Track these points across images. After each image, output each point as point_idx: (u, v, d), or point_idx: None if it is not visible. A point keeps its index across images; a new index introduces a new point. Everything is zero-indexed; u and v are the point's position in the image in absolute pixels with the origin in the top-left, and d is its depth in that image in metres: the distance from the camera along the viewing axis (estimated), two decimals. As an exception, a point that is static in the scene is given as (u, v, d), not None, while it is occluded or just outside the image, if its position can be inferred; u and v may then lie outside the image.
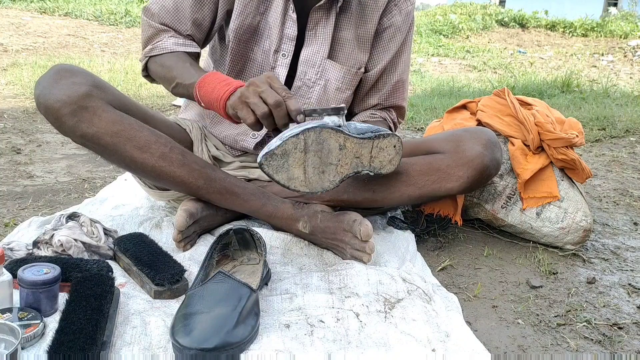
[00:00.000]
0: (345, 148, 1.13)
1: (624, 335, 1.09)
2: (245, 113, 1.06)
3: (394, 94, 1.46)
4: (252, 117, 1.06)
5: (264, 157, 1.06)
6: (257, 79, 1.07)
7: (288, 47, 1.35)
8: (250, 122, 1.06)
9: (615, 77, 6.05)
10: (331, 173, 1.13)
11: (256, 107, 1.04)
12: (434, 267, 1.34)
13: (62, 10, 7.41)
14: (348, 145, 1.13)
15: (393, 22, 1.40)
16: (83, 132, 1.16)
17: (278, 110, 1.04)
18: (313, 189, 1.12)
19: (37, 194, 1.75)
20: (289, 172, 1.09)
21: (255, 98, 1.05)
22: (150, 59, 1.33)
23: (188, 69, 1.25)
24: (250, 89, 1.06)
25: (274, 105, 1.03)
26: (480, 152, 1.24)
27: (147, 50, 1.33)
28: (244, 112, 1.06)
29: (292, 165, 1.08)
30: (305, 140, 1.07)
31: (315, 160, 1.10)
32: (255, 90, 1.05)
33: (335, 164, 1.13)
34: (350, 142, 1.13)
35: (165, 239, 1.30)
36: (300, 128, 1.07)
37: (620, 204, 1.93)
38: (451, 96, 4.32)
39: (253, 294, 0.96)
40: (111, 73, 4.38)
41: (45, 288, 0.93)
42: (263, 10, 1.33)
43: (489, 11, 10.31)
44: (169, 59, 1.30)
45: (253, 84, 1.07)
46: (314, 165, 1.11)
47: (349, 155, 1.13)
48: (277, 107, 1.04)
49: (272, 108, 1.04)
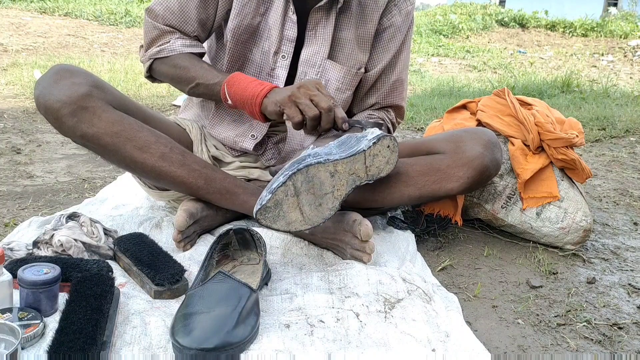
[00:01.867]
0: (338, 173, 1.11)
1: (624, 335, 1.09)
2: (294, 112, 1.14)
3: (392, 93, 1.46)
4: (300, 116, 1.14)
5: (258, 212, 1.06)
6: (308, 83, 1.16)
7: (288, 49, 1.34)
8: (297, 121, 1.14)
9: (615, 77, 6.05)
10: (329, 202, 1.12)
11: (307, 109, 1.13)
12: (434, 267, 1.34)
13: (62, 10, 7.42)
14: (340, 169, 1.11)
15: (393, 22, 1.40)
16: (83, 132, 1.16)
17: (328, 115, 1.13)
18: (314, 223, 1.12)
19: (37, 194, 1.75)
20: (286, 219, 1.09)
21: (306, 100, 1.13)
22: (157, 60, 1.33)
23: (208, 69, 1.30)
24: (301, 90, 1.14)
25: (326, 109, 1.13)
26: (480, 152, 1.24)
27: (154, 52, 1.33)
28: (292, 111, 1.14)
29: (287, 211, 1.08)
30: (294, 185, 1.07)
31: (309, 198, 1.09)
32: (306, 93, 1.14)
33: (331, 191, 1.12)
34: (342, 165, 1.11)
35: (165, 239, 1.30)
36: (286, 174, 1.06)
37: (620, 204, 1.93)
38: (451, 96, 4.32)
39: (253, 294, 0.96)
40: (111, 73, 4.38)
41: (45, 288, 0.93)
42: (263, 12, 1.33)
43: (489, 11, 10.31)
44: (182, 60, 1.31)
45: (304, 86, 1.15)
46: (309, 203, 1.10)
47: (343, 177, 1.12)
48: (329, 111, 1.13)
49: (324, 112, 1.13)
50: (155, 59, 1.33)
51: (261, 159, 1.46)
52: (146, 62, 1.35)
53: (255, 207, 1.07)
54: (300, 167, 1.07)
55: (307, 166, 1.08)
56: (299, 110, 1.14)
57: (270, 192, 1.06)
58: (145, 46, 1.36)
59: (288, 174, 1.06)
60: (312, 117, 1.13)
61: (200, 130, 1.43)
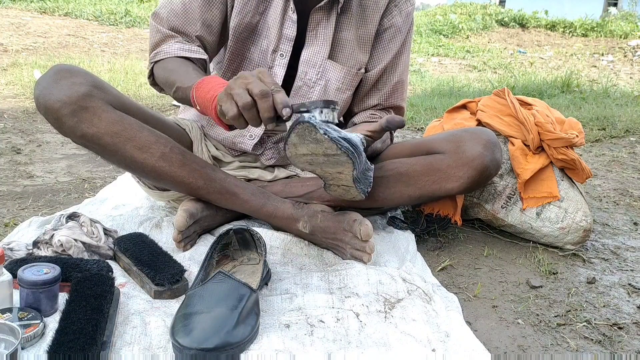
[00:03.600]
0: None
1: (624, 335, 1.09)
2: (229, 105, 0.97)
3: (393, 94, 1.46)
4: (235, 109, 0.96)
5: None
6: (247, 72, 0.99)
7: (286, 48, 1.34)
8: (232, 115, 0.96)
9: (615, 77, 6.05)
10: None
11: (239, 98, 0.95)
12: (434, 267, 1.34)
13: (62, 10, 7.41)
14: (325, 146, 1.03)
15: (393, 23, 1.40)
16: (83, 133, 1.16)
17: (263, 101, 0.95)
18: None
19: (37, 194, 1.75)
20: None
21: (239, 89, 0.96)
22: (155, 64, 1.31)
23: (189, 73, 1.21)
24: (238, 81, 0.98)
25: (259, 95, 0.94)
26: (480, 152, 1.24)
27: (152, 56, 1.31)
28: (227, 105, 0.97)
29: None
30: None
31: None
32: (242, 82, 0.97)
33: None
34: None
35: (165, 239, 1.30)
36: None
37: (620, 204, 1.93)
38: (451, 96, 4.32)
39: (253, 294, 0.96)
40: (111, 73, 4.38)
41: (45, 288, 0.93)
42: (262, 10, 1.33)
43: (489, 11, 10.31)
44: (171, 63, 1.27)
45: (241, 76, 0.98)
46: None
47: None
48: (263, 97, 0.95)
49: (257, 98, 0.95)
50: (154, 62, 1.31)
51: (261, 159, 1.46)
52: (149, 66, 1.33)
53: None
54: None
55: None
56: (234, 102, 0.97)
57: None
58: (149, 51, 1.34)
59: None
60: (243, 105, 0.95)
61: (200, 130, 1.43)
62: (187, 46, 1.30)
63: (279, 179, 1.45)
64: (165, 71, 1.27)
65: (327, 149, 1.02)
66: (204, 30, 1.31)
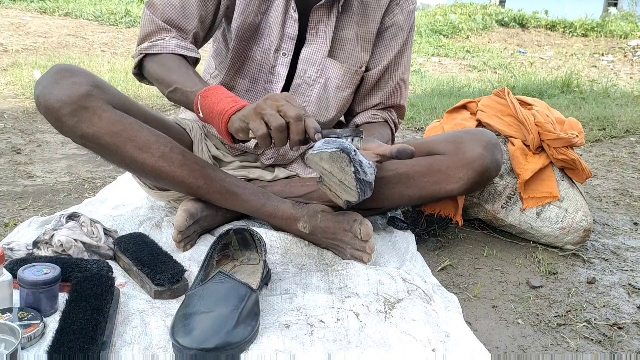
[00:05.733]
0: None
1: (624, 335, 1.09)
2: (258, 124, 1.00)
3: (395, 93, 1.46)
4: (264, 128, 1.00)
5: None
6: (276, 95, 1.03)
7: (288, 46, 1.34)
8: (260, 134, 1.00)
9: (615, 77, 6.05)
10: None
11: (272, 119, 0.99)
12: (434, 267, 1.34)
13: (62, 10, 7.42)
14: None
15: (395, 21, 1.40)
16: (83, 132, 1.16)
17: (297, 124, 1.00)
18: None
19: (37, 194, 1.75)
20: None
21: (272, 110, 1.00)
22: (147, 56, 1.28)
23: (191, 76, 1.21)
24: (268, 102, 1.02)
25: (295, 118, 0.99)
26: (480, 153, 1.24)
27: (145, 47, 1.28)
28: (256, 123, 1.01)
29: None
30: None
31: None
32: (273, 104, 1.01)
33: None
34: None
35: (165, 239, 1.30)
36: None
37: (620, 204, 1.93)
38: (451, 96, 4.32)
39: (253, 294, 0.96)
40: (111, 73, 4.38)
41: (45, 288, 0.93)
42: (264, 10, 1.33)
43: (489, 11, 10.32)
44: (170, 61, 1.25)
45: (271, 98, 1.03)
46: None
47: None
48: (298, 120, 1.00)
49: (292, 121, 0.99)
50: (146, 54, 1.28)
51: (261, 159, 1.46)
52: (137, 56, 1.30)
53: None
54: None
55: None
56: (264, 122, 1.00)
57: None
58: (139, 40, 1.31)
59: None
60: (277, 127, 0.99)
61: (201, 129, 1.43)
62: (184, 43, 1.28)
63: (279, 179, 1.45)
64: (161, 67, 1.25)
65: (347, 180, 1.07)
66: (199, 26, 1.30)
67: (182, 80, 1.20)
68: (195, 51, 1.30)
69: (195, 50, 1.31)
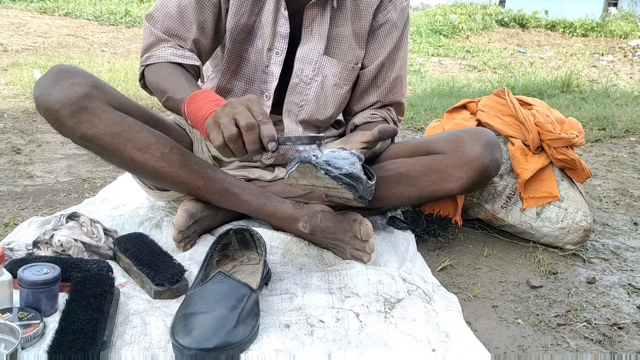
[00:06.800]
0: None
1: (624, 335, 1.09)
2: (215, 134, 0.96)
3: (393, 90, 1.46)
4: (221, 139, 0.95)
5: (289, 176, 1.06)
6: (236, 100, 0.98)
7: (281, 45, 1.34)
8: (218, 144, 0.96)
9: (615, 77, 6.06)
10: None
11: (225, 128, 0.94)
12: (434, 267, 1.34)
13: (62, 10, 7.42)
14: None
15: (389, 18, 1.40)
16: (83, 133, 1.16)
17: (249, 134, 0.94)
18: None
19: (37, 194, 1.75)
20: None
21: (227, 119, 0.95)
22: (147, 68, 1.29)
23: (182, 83, 1.19)
24: (225, 109, 0.97)
25: (245, 127, 0.93)
26: (480, 153, 1.24)
27: (144, 59, 1.30)
28: (214, 134, 0.96)
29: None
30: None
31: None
32: (230, 112, 0.96)
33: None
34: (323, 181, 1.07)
35: (165, 239, 1.30)
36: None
37: (620, 204, 1.93)
38: (451, 96, 4.32)
39: (253, 294, 0.96)
40: (111, 73, 4.38)
41: (45, 288, 0.93)
42: (257, 11, 1.33)
43: (489, 11, 10.32)
44: (164, 69, 1.25)
45: (230, 104, 0.97)
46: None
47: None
48: (249, 130, 0.93)
49: (243, 131, 0.93)
50: (146, 66, 1.30)
51: (261, 158, 1.46)
52: (139, 69, 1.32)
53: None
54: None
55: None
56: (221, 132, 0.96)
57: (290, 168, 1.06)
58: (141, 54, 1.32)
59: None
60: (228, 137, 0.94)
61: (200, 130, 1.43)
62: (180, 51, 1.28)
63: (279, 179, 1.45)
64: (156, 77, 1.25)
65: (328, 184, 1.07)
66: (199, 33, 1.30)
67: (173, 88, 1.18)
68: (193, 58, 1.29)
69: (194, 57, 1.29)
